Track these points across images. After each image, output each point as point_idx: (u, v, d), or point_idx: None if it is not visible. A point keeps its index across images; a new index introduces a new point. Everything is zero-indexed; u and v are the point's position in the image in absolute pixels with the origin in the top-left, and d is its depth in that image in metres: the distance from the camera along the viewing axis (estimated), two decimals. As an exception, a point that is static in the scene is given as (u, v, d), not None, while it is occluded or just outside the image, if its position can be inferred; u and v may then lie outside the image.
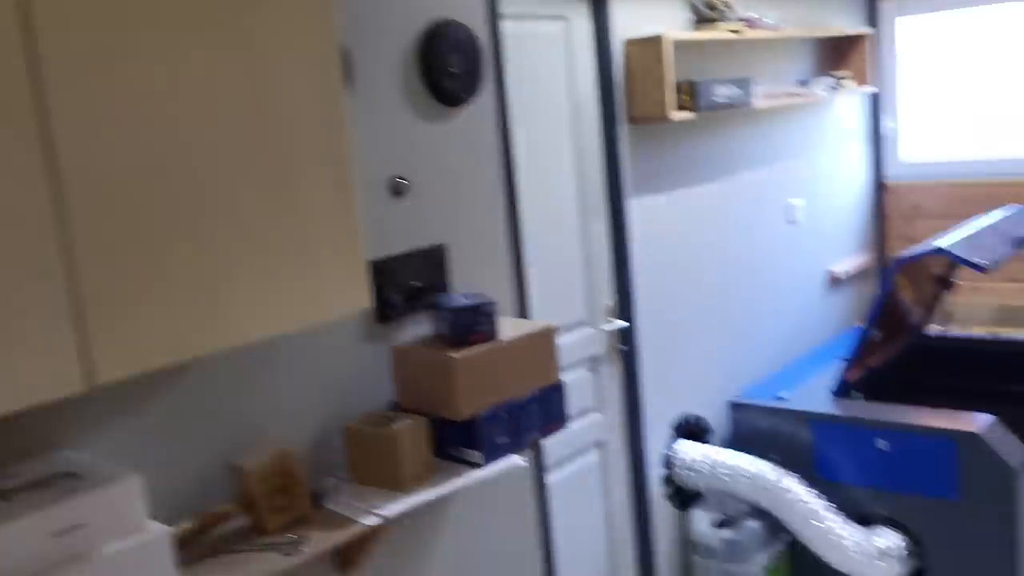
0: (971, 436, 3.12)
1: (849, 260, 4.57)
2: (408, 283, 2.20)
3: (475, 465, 2.01)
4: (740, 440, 3.65)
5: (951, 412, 3.30)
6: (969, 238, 3.41)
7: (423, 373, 2.03)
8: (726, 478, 3.38)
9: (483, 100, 2.44)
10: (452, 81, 2.29)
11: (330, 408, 2.08)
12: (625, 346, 3.30)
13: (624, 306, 3.27)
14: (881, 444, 3.30)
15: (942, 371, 4.26)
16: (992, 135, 4.48)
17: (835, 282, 4.48)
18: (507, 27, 2.67)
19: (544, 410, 2.14)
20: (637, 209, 3.27)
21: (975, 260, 3.20)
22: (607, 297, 3.25)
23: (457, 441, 2.04)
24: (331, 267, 1.59)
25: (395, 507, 1.85)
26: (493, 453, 2.02)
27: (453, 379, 1.96)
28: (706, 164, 3.61)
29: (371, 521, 1.82)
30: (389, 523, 1.86)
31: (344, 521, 1.83)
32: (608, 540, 3.30)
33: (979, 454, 3.10)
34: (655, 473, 3.43)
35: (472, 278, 2.41)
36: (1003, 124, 4.42)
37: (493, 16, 2.49)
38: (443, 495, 1.95)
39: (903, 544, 3.27)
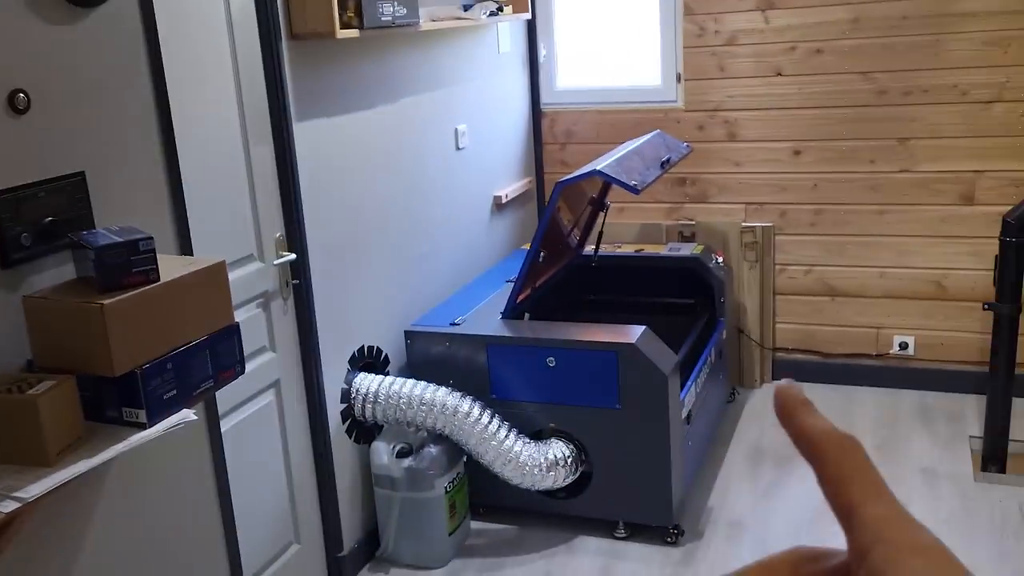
0: (629, 347, 3.34)
1: (511, 185, 4.70)
2: (40, 219, 1.84)
3: (139, 425, 1.76)
4: (418, 368, 3.64)
5: (610, 327, 3.51)
6: (621, 162, 3.62)
7: (66, 325, 1.71)
8: (404, 407, 3.36)
9: (122, 1, 2.08)
10: (81, -24, 1.92)
11: (-56, 375, 1.70)
12: (296, 280, 3.11)
13: (293, 238, 3.08)
14: (549, 361, 3.45)
15: (598, 288, 4.55)
16: (634, 63, 4.78)
17: (499, 207, 4.59)
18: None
19: (217, 356, 1.92)
20: (302, 133, 3.06)
21: (630, 183, 3.40)
22: (276, 229, 3.03)
23: (115, 400, 1.76)
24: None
25: (38, 486, 1.56)
26: (159, 410, 1.78)
27: (104, 330, 1.67)
28: (373, 87, 3.47)
29: (7, 507, 1.52)
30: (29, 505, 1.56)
31: (-27, 510, 1.51)
32: (288, 481, 3.14)
33: (635, 363, 3.34)
34: (334, 409, 3.31)
35: (122, 210, 2.08)
36: (643, 53, 4.74)
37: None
38: (101, 464, 1.67)
39: (571, 453, 3.46)
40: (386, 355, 3.62)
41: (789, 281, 4.66)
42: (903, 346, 4.50)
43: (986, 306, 3.75)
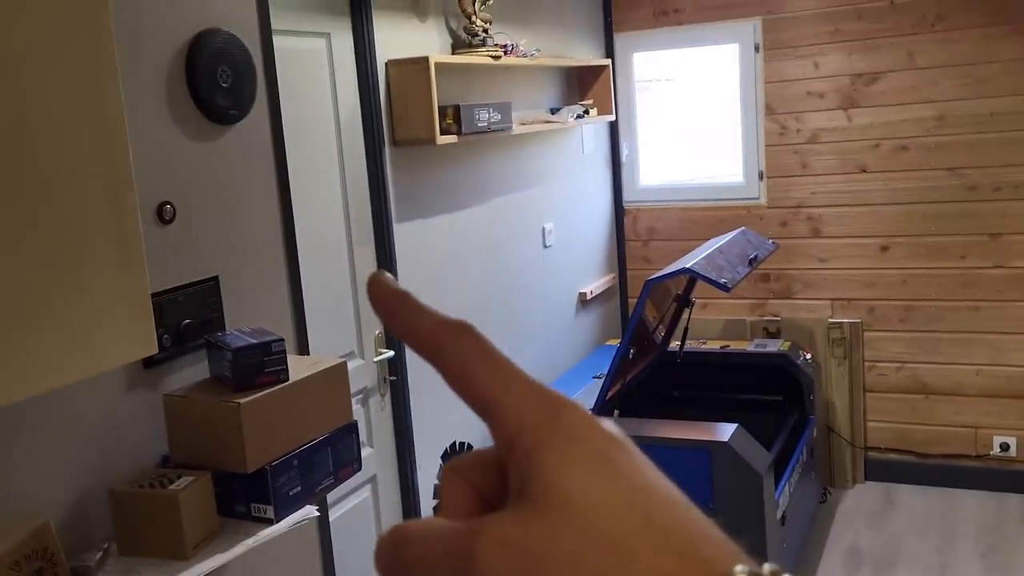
0: (722, 445, 3.31)
1: (595, 281, 4.76)
2: (178, 321, 1.94)
3: (266, 521, 1.81)
4: (508, 464, 3.64)
5: (701, 424, 3.49)
6: (709, 259, 3.65)
7: (203, 422, 1.79)
8: (497, 504, 3.35)
9: (256, 117, 2.23)
10: (223, 96, 2.07)
11: (89, 470, 1.78)
12: (394, 376, 3.19)
13: (392, 335, 3.16)
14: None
15: (683, 384, 4.53)
16: (716, 161, 4.86)
17: (583, 303, 4.64)
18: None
19: (337, 453, 1.98)
20: (401, 233, 3.18)
21: (720, 280, 3.43)
22: (375, 327, 3.12)
23: (244, 496, 1.82)
24: (112, 311, 1.34)
25: (179, 580, 1.62)
26: (285, 506, 1.83)
27: (239, 428, 1.75)
28: (467, 189, 3.59)
29: (150, 599, 1.57)
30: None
31: (116, 603, 1.56)
32: (383, 580, 3.15)
33: (729, 462, 3.31)
34: (427, 504, 3.33)
35: (248, 312, 2.19)
36: (723, 151, 4.82)
37: (265, 27, 2.29)
38: (233, 559, 1.73)
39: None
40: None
41: (879, 378, 4.58)
42: (1004, 447, 4.36)
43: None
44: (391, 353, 3.14)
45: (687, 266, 3.51)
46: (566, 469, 0.32)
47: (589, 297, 4.62)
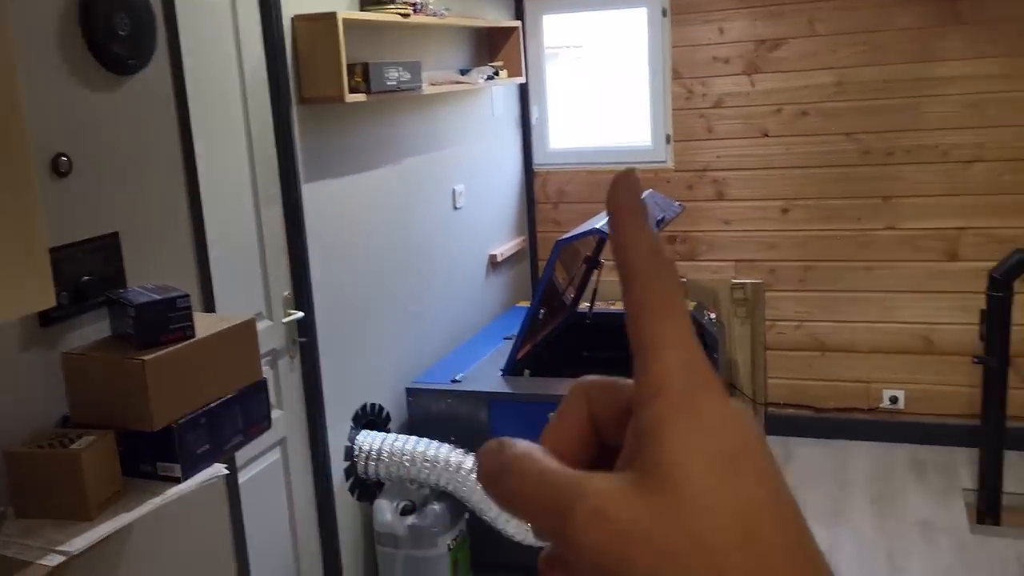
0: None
1: (506, 244, 4.78)
2: (77, 278, 1.88)
3: (173, 480, 1.78)
4: (419, 425, 3.66)
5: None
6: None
7: (106, 381, 1.74)
8: (407, 464, 3.37)
9: (156, 68, 2.16)
10: (120, 45, 1.99)
11: (-18, 431, 1.72)
12: (304, 338, 3.15)
13: (301, 296, 3.12)
14: (552, 417, 3.47)
15: (593, 344, 4.61)
16: (625, 125, 4.92)
17: (494, 265, 4.66)
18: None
19: (247, 411, 1.95)
20: (310, 194, 3.13)
21: (628, 241, 3.48)
22: (284, 287, 3.08)
23: (150, 455, 1.78)
24: (6, 262, 1.29)
25: (82, 540, 1.58)
26: (193, 465, 1.80)
27: (144, 385, 1.71)
28: (376, 149, 3.55)
29: (52, 560, 1.53)
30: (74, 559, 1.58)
31: (15, 565, 1.52)
32: (293, 538, 3.14)
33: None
34: (338, 467, 3.32)
35: (151, 270, 2.13)
36: (633, 115, 4.88)
37: (163, -26, 2.21)
38: (138, 518, 1.69)
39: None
40: (387, 412, 3.65)
41: (779, 337, 4.74)
42: (893, 400, 4.58)
43: (976, 360, 3.85)
44: (300, 314, 3.10)
45: (597, 227, 3.56)
46: (687, 456, 0.31)
47: (500, 259, 4.64)
